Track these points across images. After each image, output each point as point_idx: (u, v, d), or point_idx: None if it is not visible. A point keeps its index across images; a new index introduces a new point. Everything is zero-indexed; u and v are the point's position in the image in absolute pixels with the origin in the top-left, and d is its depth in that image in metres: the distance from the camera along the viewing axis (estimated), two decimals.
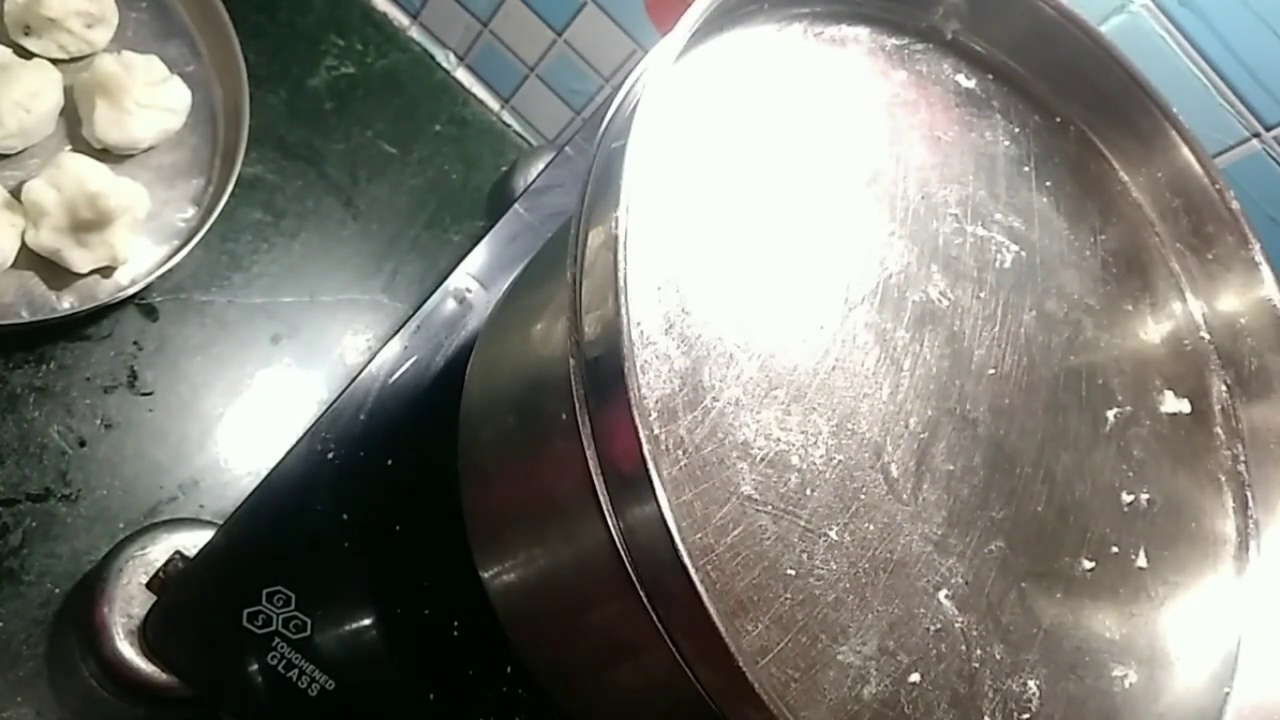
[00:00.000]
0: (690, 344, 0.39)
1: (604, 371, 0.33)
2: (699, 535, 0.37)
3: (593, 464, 0.33)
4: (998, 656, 0.42)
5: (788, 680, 0.38)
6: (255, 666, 0.45)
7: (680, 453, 0.39)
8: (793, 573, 0.38)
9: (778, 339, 0.41)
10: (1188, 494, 0.48)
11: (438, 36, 0.81)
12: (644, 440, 0.31)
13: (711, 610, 0.30)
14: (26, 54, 0.60)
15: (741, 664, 0.30)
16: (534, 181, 0.58)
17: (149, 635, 0.49)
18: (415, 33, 0.81)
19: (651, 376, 0.37)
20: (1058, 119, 0.52)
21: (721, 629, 0.30)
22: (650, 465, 0.31)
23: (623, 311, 0.32)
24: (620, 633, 0.37)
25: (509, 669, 0.47)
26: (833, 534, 0.41)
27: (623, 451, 0.32)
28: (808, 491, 0.41)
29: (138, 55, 0.61)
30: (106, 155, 0.60)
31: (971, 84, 0.49)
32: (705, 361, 0.40)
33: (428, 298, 0.53)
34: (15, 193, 0.57)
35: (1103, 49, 0.49)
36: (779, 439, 0.41)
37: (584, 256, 0.34)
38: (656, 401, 0.37)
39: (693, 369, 0.39)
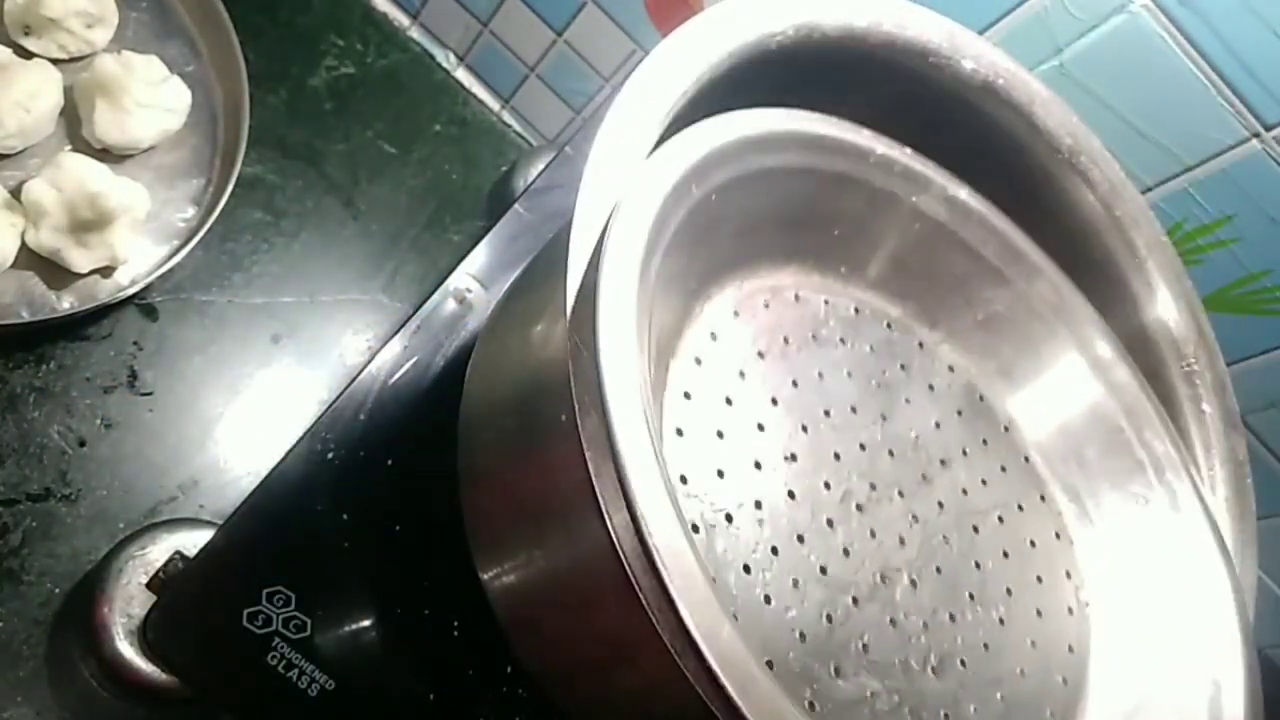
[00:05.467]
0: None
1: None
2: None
3: (592, 466, 0.33)
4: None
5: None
6: (255, 666, 0.45)
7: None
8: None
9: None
10: None
11: (438, 36, 0.81)
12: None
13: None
14: (26, 54, 0.60)
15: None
16: (534, 181, 0.58)
17: (149, 635, 0.49)
18: (415, 33, 0.81)
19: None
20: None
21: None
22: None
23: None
24: (620, 635, 0.37)
25: (509, 669, 0.47)
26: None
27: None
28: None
29: (138, 55, 0.61)
30: (106, 155, 0.60)
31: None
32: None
33: (428, 298, 0.53)
34: (15, 193, 0.56)
35: None
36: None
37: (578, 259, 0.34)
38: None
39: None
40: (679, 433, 0.41)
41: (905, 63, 0.48)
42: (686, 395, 0.41)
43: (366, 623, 0.48)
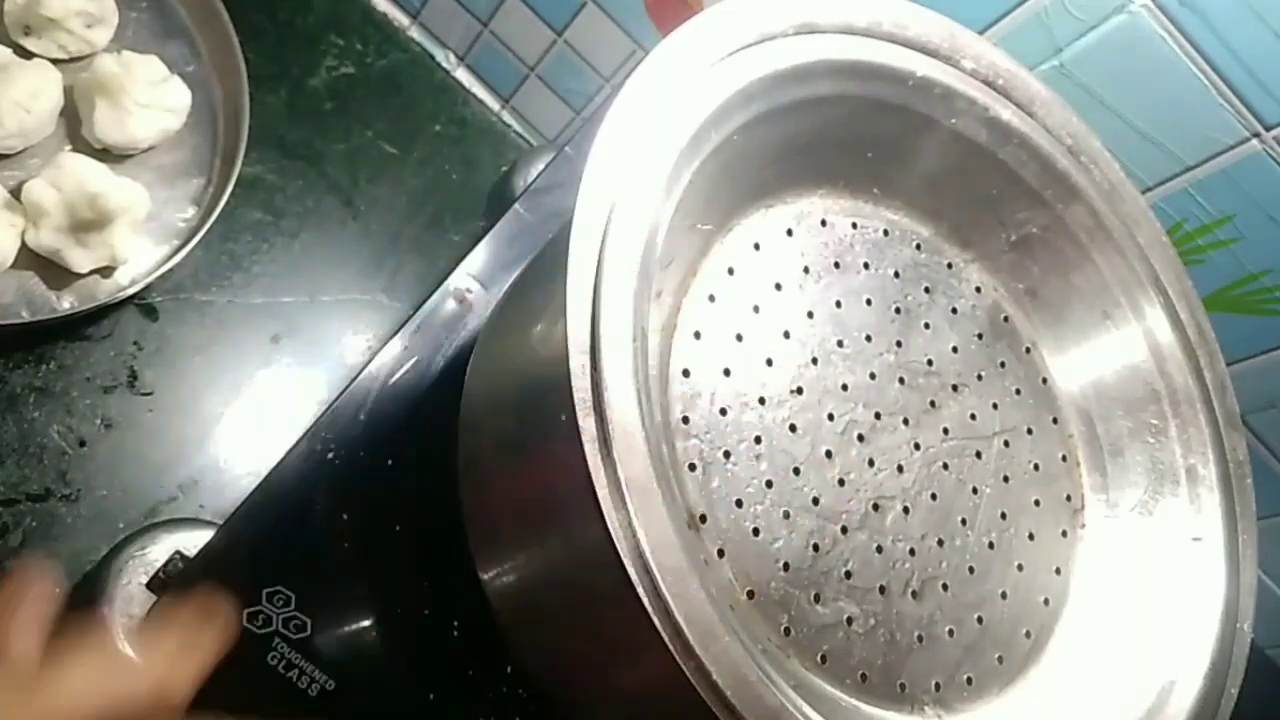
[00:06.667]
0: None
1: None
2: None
3: (592, 465, 0.33)
4: None
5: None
6: (255, 666, 0.45)
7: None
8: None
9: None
10: None
11: (438, 36, 0.81)
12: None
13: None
14: (26, 54, 0.60)
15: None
16: (534, 181, 0.58)
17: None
18: (415, 33, 0.81)
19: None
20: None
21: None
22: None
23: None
24: (619, 634, 0.37)
25: (509, 669, 0.47)
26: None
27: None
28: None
29: (138, 55, 0.61)
30: (106, 155, 0.60)
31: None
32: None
33: (428, 298, 0.53)
34: (15, 193, 0.57)
35: None
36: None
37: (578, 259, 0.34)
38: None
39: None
40: (685, 374, 0.41)
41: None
42: (697, 335, 0.42)
43: (366, 623, 0.48)
